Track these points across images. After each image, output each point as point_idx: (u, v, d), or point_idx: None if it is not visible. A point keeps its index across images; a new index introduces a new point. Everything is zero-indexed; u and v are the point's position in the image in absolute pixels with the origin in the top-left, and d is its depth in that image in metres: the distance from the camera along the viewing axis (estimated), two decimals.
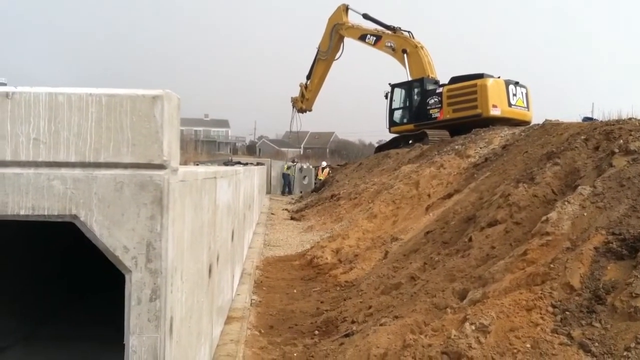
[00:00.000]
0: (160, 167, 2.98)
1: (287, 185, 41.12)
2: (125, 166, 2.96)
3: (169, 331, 3.07)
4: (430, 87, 28.22)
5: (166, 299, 3.00)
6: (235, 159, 44.16)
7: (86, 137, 2.93)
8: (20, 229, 4.44)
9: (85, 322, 5.40)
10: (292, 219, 21.70)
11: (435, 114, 27.28)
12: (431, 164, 15.73)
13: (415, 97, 29.00)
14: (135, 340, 2.93)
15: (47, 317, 5.29)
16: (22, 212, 2.91)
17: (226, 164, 34.42)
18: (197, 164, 23.72)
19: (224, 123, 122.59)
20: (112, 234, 2.93)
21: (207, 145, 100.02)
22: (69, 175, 2.92)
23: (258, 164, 34.59)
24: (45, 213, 2.92)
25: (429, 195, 13.36)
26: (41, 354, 4.46)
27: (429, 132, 25.63)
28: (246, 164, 31.67)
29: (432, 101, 27.57)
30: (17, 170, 2.91)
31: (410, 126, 28.60)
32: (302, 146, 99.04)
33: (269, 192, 38.61)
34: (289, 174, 41.60)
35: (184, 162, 36.33)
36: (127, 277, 2.94)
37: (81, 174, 2.93)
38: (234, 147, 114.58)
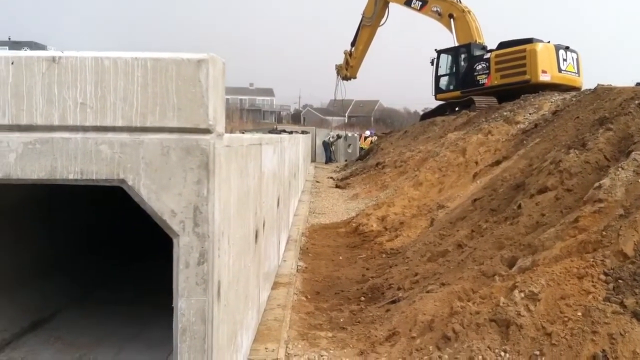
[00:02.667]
0: (206, 131, 2.96)
1: (329, 154, 41.04)
2: (171, 130, 2.95)
3: (216, 294, 3.08)
4: (477, 52, 27.60)
5: (213, 263, 3.01)
6: (280, 127, 44.23)
7: (132, 102, 2.92)
8: (74, 191, 4.53)
9: (136, 286, 5.50)
10: (337, 187, 21.69)
11: (483, 80, 26.71)
12: (478, 130, 15.45)
13: (462, 63, 28.41)
14: (184, 303, 2.95)
15: (99, 280, 5.40)
16: (70, 177, 2.94)
17: (271, 132, 34.53)
18: (243, 132, 23.81)
19: (268, 92, 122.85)
20: (160, 198, 2.94)
21: (253, 114, 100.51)
22: (116, 139, 2.93)
23: (303, 132, 34.61)
24: (94, 177, 2.94)
25: (476, 163, 13.15)
26: (94, 316, 4.56)
27: (476, 98, 25.11)
28: (291, 132, 31.71)
29: (480, 67, 26.98)
30: (66, 134, 2.93)
31: (457, 93, 28.09)
32: (346, 114, 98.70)
33: (313, 160, 38.65)
34: (329, 144, 41.47)
35: (230, 131, 36.52)
36: (175, 240, 2.96)
37: (128, 138, 2.94)
38: (278, 116, 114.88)
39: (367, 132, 45.03)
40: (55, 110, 2.91)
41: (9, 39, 57.46)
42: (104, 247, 6.05)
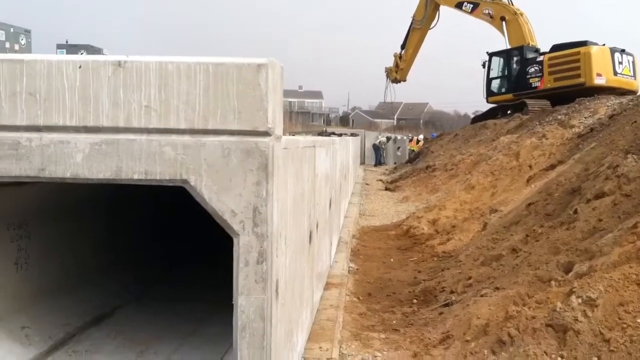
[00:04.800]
0: (265, 134, 3.03)
1: (379, 157, 40.91)
2: (231, 133, 3.02)
3: (275, 293, 3.14)
4: (530, 55, 27.16)
5: (272, 262, 3.06)
6: (329, 130, 44.36)
7: (195, 105, 3.01)
8: (131, 191, 4.66)
9: (192, 284, 5.62)
10: (386, 189, 21.64)
11: (536, 83, 26.28)
12: (532, 134, 15.22)
13: (515, 65, 27.99)
14: (244, 300, 3.02)
15: (156, 278, 5.54)
16: (135, 177, 3.04)
17: (320, 134, 34.65)
18: (293, 135, 23.98)
19: (317, 94, 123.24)
20: (221, 198, 3.01)
21: (302, 117, 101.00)
22: (179, 141, 3.02)
23: (352, 134, 34.63)
24: (158, 177, 3.03)
25: (530, 167, 12.95)
26: (152, 313, 4.69)
27: (528, 101, 24.72)
28: (340, 134, 31.77)
29: (533, 70, 26.56)
30: (131, 136, 3.03)
31: (509, 96, 27.70)
32: (395, 117, 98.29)
33: (362, 163, 38.62)
34: (379, 146, 41.34)
35: None
36: (235, 240, 3.03)
37: (190, 140, 3.02)
38: (327, 118, 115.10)
39: (421, 137, 44.64)
40: (121, 112, 3.01)
41: (67, 42, 59.15)
42: (162, 245, 6.21)
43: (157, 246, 6.13)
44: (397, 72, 36.55)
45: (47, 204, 4.03)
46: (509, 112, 26.31)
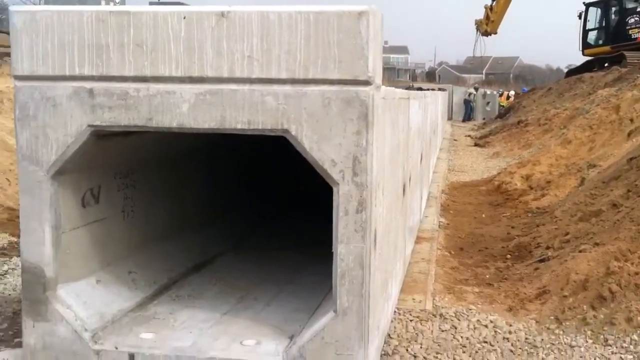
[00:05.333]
0: (366, 83, 3.01)
1: (468, 111, 39.96)
2: (332, 82, 3.02)
3: (373, 242, 3.16)
4: (630, 5, 25.69)
5: (371, 212, 3.08)
6: (416, 85, 43.65)
7: (296, 54, 3.01)
8: (230, 142, 4.77)
9: (287, 235, 5.73)
10: (475, 145, 21.23)
11: (636, 35, 24.89)
12: (633, 87, 14.44)
13: (613, 16, 26.57)
14: (343, 248, 3.05)
15: (253, 229, 5.69)
16: (238, 126, 3.10)
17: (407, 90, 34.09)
18: None
19: (403, 49, 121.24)
20: (321, 147, 3.03)
21: (387, 72, 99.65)
22: (280, 91, 3.04)
23: (440, 89, 33.96)
24: (260, 127, 3.08)
25: (631, 120, 12.33)
26: (251, 261, 4.82)
27: (627, 54, 23.46)
28: (427, 90, 31.20)
29: (632, 20, 25.15)
30: (234, 86, 3.08)
31: (607, 48, 26.39)
32: (484, 72, 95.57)
33: (450, 118, 37.90)
34: (470, 101, 40.32)
35: None
36: (334, 189, 3.05)
37: (291, 90, 3.04)
38: (413, 74, 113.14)
39: (512, 92, 43.13)
40: (224, 62, 3.06)
41: (159, 0, 60.34)
42: (259, 196, 6.35)
43: (255, 198, 6.27)
44: (488, 25, 35.46)
45: (151, 155, 4.18)
46: (606, 64, 25.08)
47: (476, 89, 41.55)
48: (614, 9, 26.46)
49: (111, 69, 3.07)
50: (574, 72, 29.26)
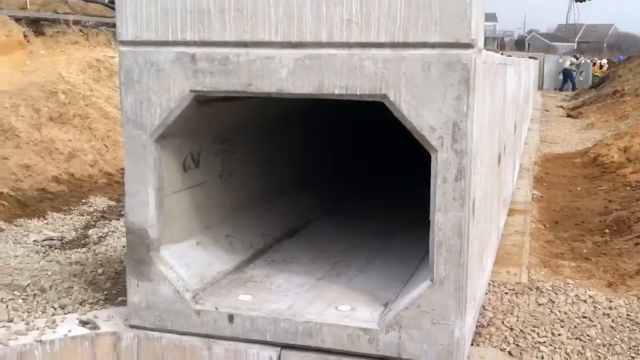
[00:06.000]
0: (468, 46, 2.91)
1: (568, 81, 38.16)
2: (432, 46, 2.94)
3: (471, 211, 3.09)
4: None
5: (470, 180, 3.00)
6: (505, 54, 42.22)
7: (395, 17, 2.94)
8: (325, 110, 4.78)
9: (379, 204, 5.70)
10: (568, 116, 20.44)
11: None
12: None
13: None
14: (441, 217, 3.00)
15: (346, 197, 5.69)
16: (336, 91, 3.07)
17: None
18: None
19: (491, 17, 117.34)
20: (419, 113, 2.97)
21: None
22: (379, 55, 2.99)
23: (531, 58, 32.77)
24: (358, 92, 3.04)
25: None
26: (343, 228, 4.83)
27: None
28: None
29: None
30: (332, 51, 3.05)
31: None
32: (576, 40, 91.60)
33: (540, 88, 36.56)
34: (571, 69, 38.48)
35: None
36: (433, 156, 2.99)
37: (390, 54, 2.98)
38: (501, 42, 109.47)
39: (604, 61, 40.98)
40: (323, 27, 3.03)
41: None
42: (352, 164, 6.34)
43: (348, 164, 6.27)
44: None
45: (247, 121, 4.23)
46: None
47: (577, 58, 39.68)
48: None
49: (212, 34, 3.10)
50: None
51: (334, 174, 5.91)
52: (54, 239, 5.27)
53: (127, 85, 3.22)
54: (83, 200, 6.71)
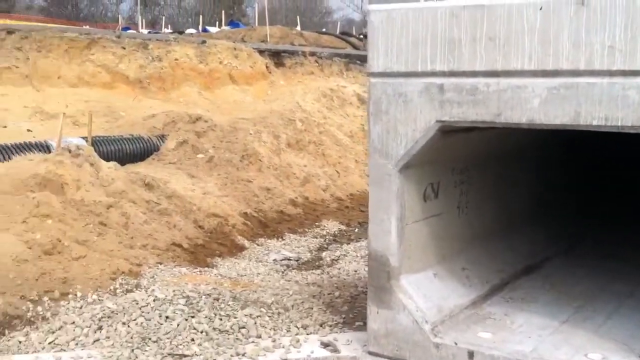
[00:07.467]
0: None
1: None
2: None
3: None
4: None
5: None
6: None
7: None
8: (561, 140, 4.51)
9: (623, 243, 5.21)
10: None
11: None
12: None
13: None
14: None
15: (583, 234, 5.31)
16: (594, 123, 2.87)
17: None
18: None
19: None
20: None
21: None
22: None
23: None
24: (619, 124, 2.82)
25: None
26: (583, 268, 4.49)
27: None
28: None
29: None
30: (591, 79, 2.86)
31: None
32: None
33: None
34: None
35: None
36: None
37: None
38: None
39: None
40: (582, 54, 2.86)
41: None
42: (591, 199, 5.90)
43: (588, 200, 5.85)
44: None
45: (486, 151, 4.12)
46: None
47: None
48: None
49: (462, 64, 3.07)
50: None
51: (573, 209, 5.54)
52: (291, 259, 5.58)
53: (375, 115, 3.30)
54: (316, 223, 7.03)
